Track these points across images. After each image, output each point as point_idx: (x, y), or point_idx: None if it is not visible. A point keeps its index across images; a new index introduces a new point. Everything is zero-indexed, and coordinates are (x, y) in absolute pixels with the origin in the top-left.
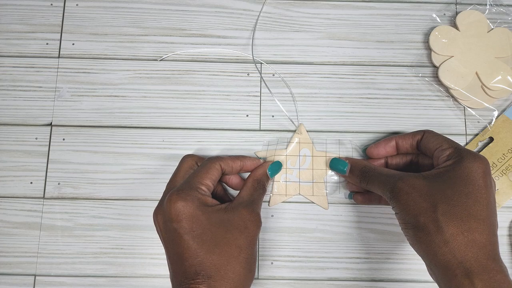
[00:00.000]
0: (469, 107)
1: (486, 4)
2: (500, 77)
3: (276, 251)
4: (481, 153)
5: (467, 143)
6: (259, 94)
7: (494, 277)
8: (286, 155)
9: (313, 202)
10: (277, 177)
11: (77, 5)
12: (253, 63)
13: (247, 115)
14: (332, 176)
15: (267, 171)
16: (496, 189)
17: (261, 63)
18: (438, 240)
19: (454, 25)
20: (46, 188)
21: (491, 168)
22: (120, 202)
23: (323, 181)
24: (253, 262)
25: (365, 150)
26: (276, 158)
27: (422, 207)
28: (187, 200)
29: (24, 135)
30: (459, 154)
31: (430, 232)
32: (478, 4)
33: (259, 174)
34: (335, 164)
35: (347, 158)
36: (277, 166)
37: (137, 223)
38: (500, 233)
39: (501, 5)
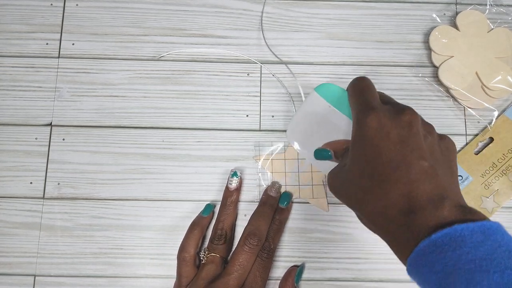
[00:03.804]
0: (469, 107)
1: (486, 4)
2: (500, 77)
3: (276, 251)
4: (481, 153)
5: (467, 143)
6: (259, 94)
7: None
8: (285, 159)
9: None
10: (278, 180)
11: (77, 5)
12: (252, 63)
13: (247, 115)
14: None
15: (295, 283)
16: (496, 189)
17: (260, 65)
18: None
19: (454, 25)
20: (46, 188)
21: (491, 169)
22: (119, 202)
23: (323, 184)
24: None
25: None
26: (275, 163)
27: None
28: None
29: (24, 135)
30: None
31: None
32: (478, 4)
33: None
34: (319, 154)
35: (326, 145)
36: (301, 272)
37: (137, 223)
38: None
39: (501, 5)
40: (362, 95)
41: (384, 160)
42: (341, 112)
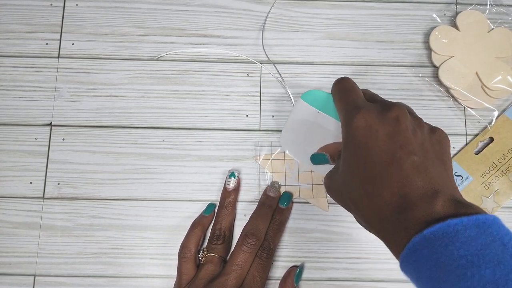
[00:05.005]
0: (469, 107)
1: (486, 4)
2: (500, 77)
3: (276, 251)
4: (481, 153)
5: (467, 143)
6: (259, 94)
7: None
8: (285, 159)
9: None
10: (278, 180)
11: (77, 5)
12: (252, 63)
13: (247, 115)
14: None
15: (294, 283)
16: (496, 189)
17: (260, 65)
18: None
19: (454, 25)
20: (45, 188)
21: (492, 169)
22: (119, 202)
23: (323, 184)
24: None
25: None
26: (275, 163)
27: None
28: None
29: (23, 135)
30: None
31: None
32: (478, 4)
33: None
34: (316, 159)
35: (321, 149)
36: (301, 273)
37: (137, 223)
38: None
39: (501, 5)
40: (347, 96)
41: (374, 159)
42: (330, 116)
